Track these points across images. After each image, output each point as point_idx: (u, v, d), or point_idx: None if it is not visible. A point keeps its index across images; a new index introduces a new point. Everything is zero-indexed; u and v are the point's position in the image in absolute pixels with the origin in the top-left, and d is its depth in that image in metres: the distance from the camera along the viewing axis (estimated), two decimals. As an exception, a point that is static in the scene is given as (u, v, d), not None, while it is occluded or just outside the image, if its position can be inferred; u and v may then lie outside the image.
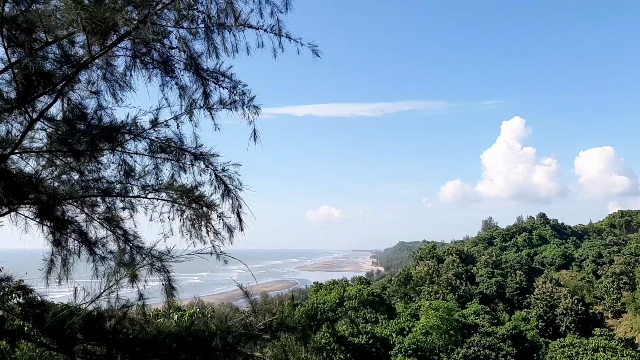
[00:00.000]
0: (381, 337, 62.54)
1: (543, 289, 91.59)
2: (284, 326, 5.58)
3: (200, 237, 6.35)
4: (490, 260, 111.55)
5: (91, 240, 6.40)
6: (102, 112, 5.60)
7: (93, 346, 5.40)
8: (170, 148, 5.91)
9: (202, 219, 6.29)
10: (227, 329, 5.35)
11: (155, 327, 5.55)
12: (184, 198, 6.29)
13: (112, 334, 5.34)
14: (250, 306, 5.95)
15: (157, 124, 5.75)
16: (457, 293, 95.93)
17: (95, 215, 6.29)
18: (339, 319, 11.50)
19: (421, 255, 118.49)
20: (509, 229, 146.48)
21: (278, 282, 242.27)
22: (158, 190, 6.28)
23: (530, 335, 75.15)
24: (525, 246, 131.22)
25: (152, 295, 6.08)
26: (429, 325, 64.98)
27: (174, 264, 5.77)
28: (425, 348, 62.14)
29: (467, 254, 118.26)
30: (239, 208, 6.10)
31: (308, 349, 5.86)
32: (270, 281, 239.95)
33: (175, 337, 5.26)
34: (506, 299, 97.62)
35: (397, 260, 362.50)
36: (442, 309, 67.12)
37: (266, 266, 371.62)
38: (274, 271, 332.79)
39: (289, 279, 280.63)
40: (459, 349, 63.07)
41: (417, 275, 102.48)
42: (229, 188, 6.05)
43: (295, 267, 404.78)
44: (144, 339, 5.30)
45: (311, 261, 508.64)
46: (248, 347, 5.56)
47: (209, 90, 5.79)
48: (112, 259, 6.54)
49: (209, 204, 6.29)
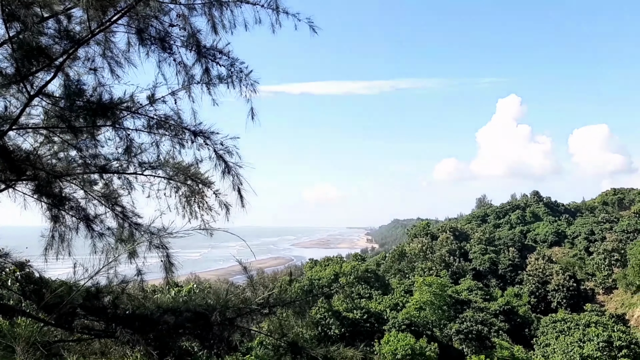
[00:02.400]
0: (375, 312, 63.02)
1: (535, 266, 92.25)
2: (281, 301, 5.62)
3: (194, 214, 6.34)
4: (484, 237, 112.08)
5: (89, 217, 6.39)
6: (101, 88, 5.55)
7: (92, 321, 5.43)
8: (169, 124, 5.87)
9: (195, 196, 6.28)
10: (226, 304, 5.39)
11: (153, 302, 5.58)
12: (180, 175, 6.26)
13: (110, 309, 5.37)
14: (248, 281, 5.98)
15: (155, 100, 5.70)
16: (451, 269, 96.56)
17: (93, 192, 6.28)
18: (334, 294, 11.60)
19: (415, 233, 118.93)
20: (503, 206, 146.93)
21: (274, 259, 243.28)
22: (155, 167, 6.24)
23: (522, 311, 75.90)
24: (518, 223, 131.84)
25: (150, 271, 6.10)
26: (423, 301, 65.49)
27: (173, 241, 5.78)
28: (418, 323, 62.67)
29: (460, 231, 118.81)
30: (240, 185, 6.07)
31: (304, 324, 5.92)
32: (266, 257, 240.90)
33: (174, 312, 5.29)
34: (499, 276, 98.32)
35: (392, 237, 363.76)
36: (436, 285, 67.54)
37: (263, 243, 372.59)
38: (271, 248, 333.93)
39: (284, 255, 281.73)
40: (452, 324, 63.63)
41: (411, 252, 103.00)
42: (229, 165, 6.02)
43: (291, 244, 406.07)
44: (143, 314, 5.33)
45: (307, 238, 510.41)
46: (245, 322, 5.61)
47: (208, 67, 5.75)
48: (110, 236, 6.52)
49: (205, 181, 6.26)
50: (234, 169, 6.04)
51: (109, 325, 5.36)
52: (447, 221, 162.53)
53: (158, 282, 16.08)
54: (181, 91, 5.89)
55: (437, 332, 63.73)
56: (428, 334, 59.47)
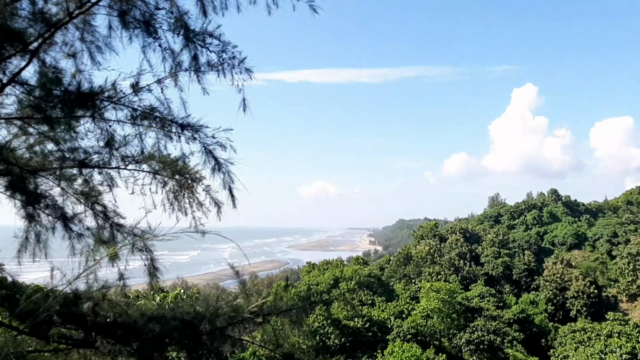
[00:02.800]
0: (378, 320, 63.18)
1: (553, 270, 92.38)
2: (276, 309, 5.62)
3: (184, 211, 6.30)
4: (497, 239, 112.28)
5: (67, 216, 6.37)
6: (80, 76, 5.53)
7: (70, 330, 5.43)
8: (154, 116, 5.84)
9: (184, 191, 6.24)
10: (216, 312, 5.39)
11: (137, 310, 5.58)
12: (166, 170, 6.23)
13: (90, 317, 5.36)
14: (239, 287, 5.97)
15: (139, 89, 5.68)
16: (461, 274, 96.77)
17: (71, 189, 6.25)
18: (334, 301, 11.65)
19: (422, 234, 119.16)
20: (518, 205, 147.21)
21: (268, 262, 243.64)
22: (139, 161, 6.21)
23: (538, 319, 76.07)
24: (534, 224, 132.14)
25: (133, 276, 6.09)
26: (430, 309, 65.59)
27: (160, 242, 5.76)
28: (425, 332, 62.86)
29: (471, 233, 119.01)
30: (231, 184, 6.05)
31: (301, 333, 5.91)
32: (259, 261, 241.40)
33: (159, 320, 5.29)
34: (513, 281, 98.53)
35: (397, 239, 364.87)
36: (444, 291, 67.66)
37: (257, 245, 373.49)
38: (265, 250, 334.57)
39: (280, 258, 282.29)
40: (462, 334, 63.83)
41: (417, 255, 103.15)
42: (219, 162, 5.99)
43: (288, 246, 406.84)
44: (125, 322, 5.32)
45: (305, 240, 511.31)
46: (237, 331, 5.60)
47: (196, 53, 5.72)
48: (89, 237, 6.49)
49: (194, 176, 6.23)
50: (225, 165, 6.02)
51: (88, 335, 5.34)
52: (456, 222, 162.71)
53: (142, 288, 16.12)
54: (168, 79, 5.86)
55: (446, 343, 63.91)
56: (436, 345, 59.64)
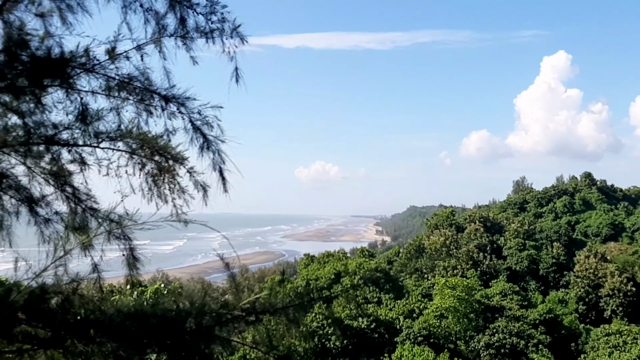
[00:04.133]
0: (386, 320, 63.42)
1: (585, 265, 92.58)
2: (271, 306, 5.64)
3: (163, 198, 6.28)
4: (522, 229, 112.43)
5: (33, 198, 6.37)
6: (49, 40, 5.51)
7: (36, 328, 5.46)
8: (133, 87, 5.82)
9: (164, 174, 6.21)
10: (202, 309, 5.41)
11: (112, 306, 5.60)
12: (145, 149, 6.19)
13: (59, 313, 5.39)
14: (228, 281, 5.99)
15: (116, 56, 5.66)
16: (480, 269, 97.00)
17: (38, 168, 6.26)
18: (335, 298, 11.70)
19: (436, 223, 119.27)
20: (546, 191, 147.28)
21: (261, 254, 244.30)
22: (115, 138, 6.19)
23: (567, 320, 76.36)
24: (565, 212, 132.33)
25: (109, 268, 6.10)
26: (445, 307, 65.86)
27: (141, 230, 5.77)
28: (439, 334, 63.10)
29: (493, 222, 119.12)
30: (222, 164, 6.04)
31: (298, 334, 5.94)
32: (251, 252, 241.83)
33: (138, 317, 5.31)
34: (540, 277, 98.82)
35: (407, 228, 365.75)
36: (461, 288, 67.89)
37: (249, 234, 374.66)
38: (258, 240, 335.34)
39: (274, 249, 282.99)
40: (480, 336, 64.13)
41: (431, 246, 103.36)
42: (208, 139, 5.98)
43: (283, 235, 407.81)
44: (99, 319, 5.34)
45: (303, 228, 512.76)
46: (226, 331, 5.63)
47: (183, 15, 5.70)
48: (58, 222, 6.49)
49: (176, 156, 6.19)
50: (215, 144, 6.00)
51: (56, 334, 5.37)
52: (476, 209, 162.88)
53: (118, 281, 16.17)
54: (150, 45, 5.84)
55: (462, 346, 64.22)
56: (451, 348, 59.93)
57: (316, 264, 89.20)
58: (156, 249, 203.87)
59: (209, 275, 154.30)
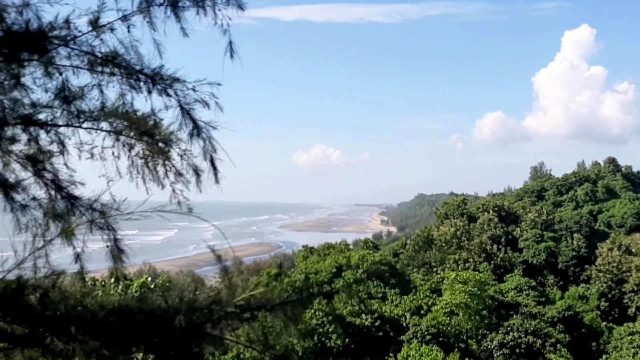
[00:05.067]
0: (391, 317, 63.62)
1: (608, 258, 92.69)
2: (267, 302, 5.65)
3: (158, 181, 6.25)
4: (540, 219, 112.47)
5: (8, 183, 6.36)
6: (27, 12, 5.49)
7: (12, 325, 5.46)
8: (117, 62, 5.79)
9: (158, 156, 6.17)
10: (192, 305, 5.42)
11: (95, 301, 5.61)
12: (132, 129, 6.16)
13: (38, 309, 5.39)
14: (221, 275, 5.99)
15: (99, 27, 5.64)
16: (494, 262, 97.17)
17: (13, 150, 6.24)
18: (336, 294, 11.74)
19: (447, 212, 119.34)
20: (566, 178, 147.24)
21: (256, 245, 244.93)
22: (97, 118, 6.16)
23: (588, 318, 76.46)
24: (586, 201, 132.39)
25: (92, 260, 6.10)
26: (455, 304, 65.99)
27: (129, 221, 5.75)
28: (448, 332, 63.29)
29: (508, 211, 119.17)
30: (213, 153, 6.00)
31: (296, 332, 5.95)
32: (246, 243, 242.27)
33: (123, 313, 5.32)
34: (558, 271, 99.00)
35: (415, 218, 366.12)
36: (473, 283, 67.98)
37: (244, 223, 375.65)
38: (253, 231, 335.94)
39: (271, 240, 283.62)
40: (494, 335, 64.28)
41: (440, 238, 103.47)
42: (198, 126, 5.94)
43: (281, 225, 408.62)
44: (81, 315, 5.35)
45: (302, 218, 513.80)
46: (218, 329, 5.63)
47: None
48: (36, 208, 6.47)
49: (167, 138, 6.16)
50: (206, 130, 5.96)
51: (35, 331, 5.38)
52: (489, 197, 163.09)
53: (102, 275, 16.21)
54: (137, 15, 5.80)
55: (474, 345, 64.42)
56: (461, 347, 60.15)
57: (316, 256, 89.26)
58: (144, 240, 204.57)
59: (199, 268, 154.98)
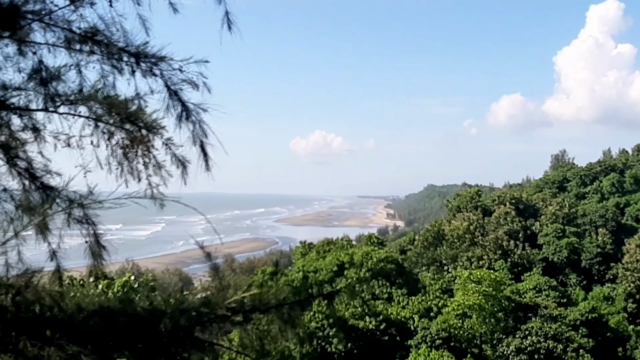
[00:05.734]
0: (397, 320, 63.76)
1: (637, 256, 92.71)
2: (262, 303, 5.65)
3: (135, 174, 6.24)
4: (561, 212, 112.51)
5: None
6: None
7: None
8: (98, 40, 5.77)
9: (137, 146, 6.16)
10: (180, 307, 5.42)
11: (73, 302, 5.62)
12: (112, 114, 6.14)
13: (9, 310, 5.40)
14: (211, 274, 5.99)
15: (77, 0, 5.62)
16: (511, 260, 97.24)
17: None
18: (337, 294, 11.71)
19: (459, 205, 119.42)
20: (591, 167, 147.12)
21: (250, 241, 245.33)
22: (75, 101, 6.15)
23: (614, 321, 76.57)
24: (613, 193, 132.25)
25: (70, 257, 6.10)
26: (468, 305, 66.04)
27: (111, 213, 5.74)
28: (461, 337, 63.42)
29: (526, 204, 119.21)
30: (203, 138, 5.98)
31: (293, 336, 5.95)
32: (239, 239, 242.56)
33: (104, 315, 5.33)
34: (581, 270, 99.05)
35: (424, 211, 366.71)
36: (488, 282, 68.04)
37: (237, 217, 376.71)
38: (247, 225, 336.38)
39: (266, 236, 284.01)
40: (510, 339, 64.41)
41: (452, 233, 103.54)
42: (188, 108, 5.92)
43: (277, 219, 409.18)
44: (57, 317, 5.36)
45: (301, 211, 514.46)
46: (208, 333, 5.63)
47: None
48: (8, 200, 6.47)
49: (151, 125, 6.14)
50: (196, 113, 5.94)
51: (6, 334, 5.39)
52: (506, 188, 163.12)
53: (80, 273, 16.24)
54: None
55: (488, 351, 64.59)
56: (475, 353, 60.32)
57: (315, 253, 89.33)
58: (129, 235, 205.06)
59: (187, 266, 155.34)
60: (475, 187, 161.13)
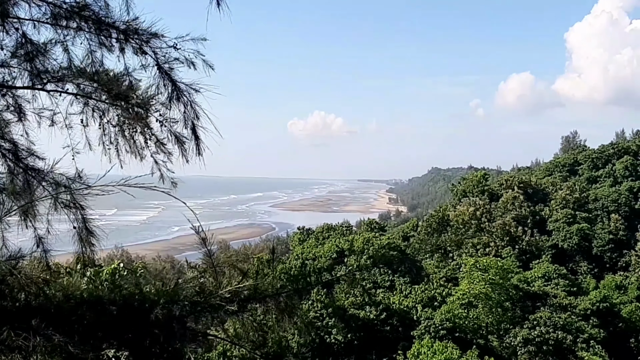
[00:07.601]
0: (400, 310, 63.83)
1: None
2: (258, 292, 5.64)
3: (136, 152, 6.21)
4: (572, 197, 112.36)
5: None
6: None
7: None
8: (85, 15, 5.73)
9: (135, 123, 6.12)
10: (172, 296, 5.42)
11: (60, 290, 5.60)
12: (103, 92, 6.09)
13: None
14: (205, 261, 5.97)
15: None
16: (519, 247, 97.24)
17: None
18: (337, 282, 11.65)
19: (465, 189, 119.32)
20: (603, 149, 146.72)
21: (245, 227, 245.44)
22: (62, 78, 6.10)
23: (627, 311, 76.63)
24: (626, 177, 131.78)
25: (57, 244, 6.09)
26: (474, 294, 66.13)
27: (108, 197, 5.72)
28: (466, 327, 63.52)
29: (535, 188, 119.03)
30: (195, 120, 5.94)
31: (291, 326, 5.95)
32: (233, 225, 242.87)
33: (93, 304, 5.32)
34: (593, 257, 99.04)
35: (428, 196, 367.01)
36: (495, 270, 68.12)
37: (232, 202, 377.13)
38: (244, 210, 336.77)
39: (262, 221, 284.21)
40: (518, 330, 64.47)
41: (457, 219, 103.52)
42: (179, 88, 5.88)
43: (273, 204, 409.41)
44: (44, 306, 5.35)
45: (299, 196, 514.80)
46: (202, 323, 5.62)
47: None
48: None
49: (144, 102, 6.09)
50: (188, 94, 5.89)
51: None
52: (514, 172, 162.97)
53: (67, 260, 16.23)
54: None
55: (495, 342, 64.69)
56: (480, 344, 60.44)
57: (314, 239, 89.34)
58: (123, 220, 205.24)
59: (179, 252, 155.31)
60: (482, 170, 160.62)
